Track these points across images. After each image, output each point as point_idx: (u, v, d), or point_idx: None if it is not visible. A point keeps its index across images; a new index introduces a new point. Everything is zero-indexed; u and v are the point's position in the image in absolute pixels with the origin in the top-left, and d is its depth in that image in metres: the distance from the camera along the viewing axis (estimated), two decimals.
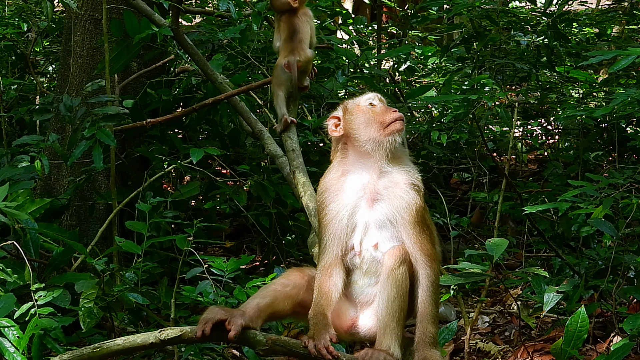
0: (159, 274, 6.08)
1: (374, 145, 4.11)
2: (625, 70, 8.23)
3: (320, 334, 3.97)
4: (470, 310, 6.66)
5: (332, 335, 3.99)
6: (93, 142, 5.88)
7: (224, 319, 3.98)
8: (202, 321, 3.99)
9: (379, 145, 4.11)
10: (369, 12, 14.78)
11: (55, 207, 6.53)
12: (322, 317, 4.06)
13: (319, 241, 4.26)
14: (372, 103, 4.23)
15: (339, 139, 4.24)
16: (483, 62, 8.06)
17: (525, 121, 9.06)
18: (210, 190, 7.25)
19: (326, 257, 4.14)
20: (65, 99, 6.15)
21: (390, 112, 4.17)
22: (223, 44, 7.43)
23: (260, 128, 6.15)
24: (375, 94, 4.30)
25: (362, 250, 4.10)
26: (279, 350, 4.02)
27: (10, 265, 5.12)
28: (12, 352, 4.35)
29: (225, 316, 3.99)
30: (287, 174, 5.66)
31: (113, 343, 3.98)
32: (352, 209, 4.13)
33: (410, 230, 4.05)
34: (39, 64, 9.83)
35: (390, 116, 4.14)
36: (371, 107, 4.21)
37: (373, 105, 4.22)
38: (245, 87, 6.55)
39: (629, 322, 4.80)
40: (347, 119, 4.20)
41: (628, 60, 5.06)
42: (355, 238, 4.12)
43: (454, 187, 9.28)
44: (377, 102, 4.24)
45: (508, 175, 6.21)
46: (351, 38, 9.14)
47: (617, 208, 5.56)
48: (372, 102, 4.24)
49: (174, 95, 7.38)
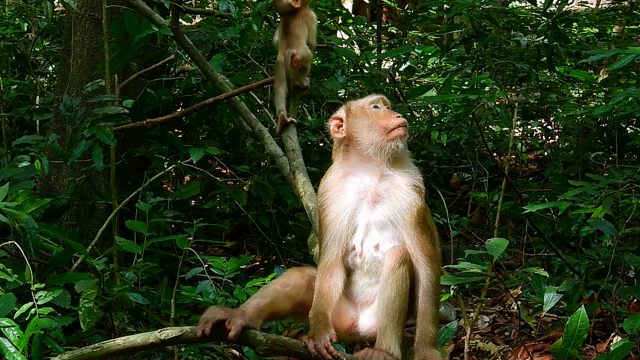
0: (159, 274, 6.07)
1: (376, 150, 4.11)
2: (625, 70, 8.23)
3: (320, 334, 3.97)
4: (470, 310, 6.66)
5: (332, 335, 3.99)
6: (93, 142, 5.88)
7: (224, 319, 3.98)
8: (202, 321, 3.99)
9: (381, 150, 4.10)
10: (369, 12, 14.78)
11: (55, 207, 6.53)
12: (322, 316, 4.05)
13: (320, 241, 4.26)
14: (376, 106, 4.22)
15: (341, 140, 4.23)
16: (483, 62, 8.06)
17: (525, 121, 9.06)
18: (210, 190, 7.25)
19: (327, 257, 4.14)
20: (65, 99, 6.15)
21: (393, 117, 4.15)
22: (223, 44, 7.42)
23: (260, 128, 6.15)
24: (380, 97, 4.28)
25: (363, 251, 4.11)
26: (279, 350, 4.02)
27: (10, 265, 5.12)
28: (12, 352, 4.35)
29: (226, 316, 3.99)
30: (287, 174, 5.66)
31: (113, 343, 3.98)
32: (353, 211, 4.12)
33: (412, 231, 4.05)
34: (39, 64, 9.83)
35: (394, 122, 4.13)
36: (375, 110, 4.20)
37: (377, 108, 4.21)
38: (245, 87, 6.55)
39: (629, 322, 4.80)
40: (350, 121, 4.19)
41: (628, 58, 5.07)
42: (356, 239, 4.12)
43: (454, 187, 9.27)
44: (381, 104, 4.23)
45: (508, 175, 6.21)
46: (351, 38, 9.14)
47: (617, 208, 5.56)
48: (377, 105, 4.22)
49: (174, 95, 7.38)
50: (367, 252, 4.10)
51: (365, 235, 4.11)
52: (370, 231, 4.10)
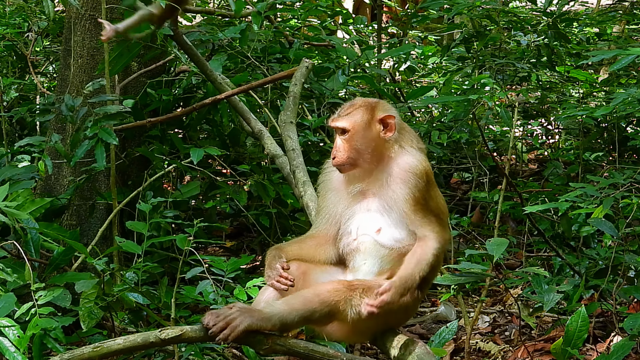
0: (159, 274, 6.07)
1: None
2: (626, 70, 8.23)
3: (270, 267, 4.03)
4: (470, 310, 6.66)
5: (282, 263, 4.03)
6: (95, 141, 5.88)
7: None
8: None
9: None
10: (369, 12, 14.78)
11: (56, 207, 6.53)
12: (276, 250, 4.11)
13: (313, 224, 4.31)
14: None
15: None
16: (483, 61, 8.06)
17: (526, 121, 9.07)
18: (210, 190, 7.25)
19: (315, 228, 4.22)
20: (67, 99, 6.15)
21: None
22: (223, 43, 7.42)
23: (260, 128, 6.15)
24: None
25: (358, 236, 4.11)
26: (279, 350, 4.02)
27: (10, 265, 5.11)
28: (12, 352, 4.34)
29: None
30: (287, 174, 5.66)
31: (113, 343, 3.98)
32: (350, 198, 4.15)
33: (413, 217, 4.04)
34: (39, 64, 9.83)
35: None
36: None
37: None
38: (245, 87, 6.55)
39: (629, 321, 4.80)
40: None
41: (628, 59, 5.07)
42: (352, 224, 4.14)
43: (454, 186, 9.28)
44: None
45: (508, 175, 6.21)
46: (351, 38, 9.13)
47: (617, 208, 5.56)
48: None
49: (174, 95, 7.38)
50: (365, 237, 4.10)
51: (363, 220, 4.11)
52: (368, 217, 4.11)
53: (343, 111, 4.16)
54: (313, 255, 4.17)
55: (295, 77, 6.24)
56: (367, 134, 4.09)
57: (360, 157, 4.10)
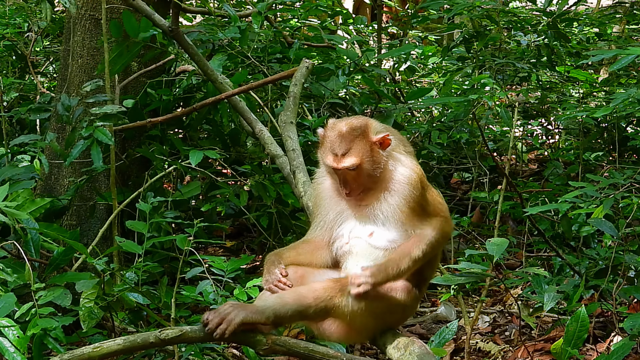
0: (159, 274, 6.07)
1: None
2: (626, 70, 8.24)
3: (269, 271, 4.06)
4: (470, 310, 6.66)
5: (281, 269, 4.07)
6: (91, 141, 5.87)
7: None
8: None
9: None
10: (369, 12, 14.78)
11: (56, 207, 6.52)
12: (275, 256, 4.14)
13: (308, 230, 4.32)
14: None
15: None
16: (483, 61, 8.06)
17: (526, 121, 9.07)
18: (210, 190, 7.25)
19: (311, 234, 4.23)
20: (64, 99, 6.14)
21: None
22: (223, 43, 7.42)
23: (260, 128, 6.15)
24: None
25: (350, 240, 4.12)
26: (279, 350, 4.02)
27: (10, 265, 5.11)
28: (12, 352, 4.34)
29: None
30: (287, 174, 5.66)
31: (113, 343, 3.98)
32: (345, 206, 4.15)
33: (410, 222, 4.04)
34: (39, 64, 9.83)
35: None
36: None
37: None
38: (245, 87, 6.55)
39: (629, 321, 4.80)
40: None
41: (628, 59, 5.07)
42: (344, 228, 4.14)
43: (454, 186, 9.28)
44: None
45: (508, 175, 6.21)
46: (352, 38, 9.14)
47: (617, 208, 5.56)
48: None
49: (174, 95, 7.38)
50: (358, 240, 4.10)
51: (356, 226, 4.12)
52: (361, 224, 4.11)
53: (339, 149, 4.05)
54: (310, 260, 4.20)
55: (295, 78, 6.24)
56: (373, 160, 4.05)
57: (371, 180, 4.08)
